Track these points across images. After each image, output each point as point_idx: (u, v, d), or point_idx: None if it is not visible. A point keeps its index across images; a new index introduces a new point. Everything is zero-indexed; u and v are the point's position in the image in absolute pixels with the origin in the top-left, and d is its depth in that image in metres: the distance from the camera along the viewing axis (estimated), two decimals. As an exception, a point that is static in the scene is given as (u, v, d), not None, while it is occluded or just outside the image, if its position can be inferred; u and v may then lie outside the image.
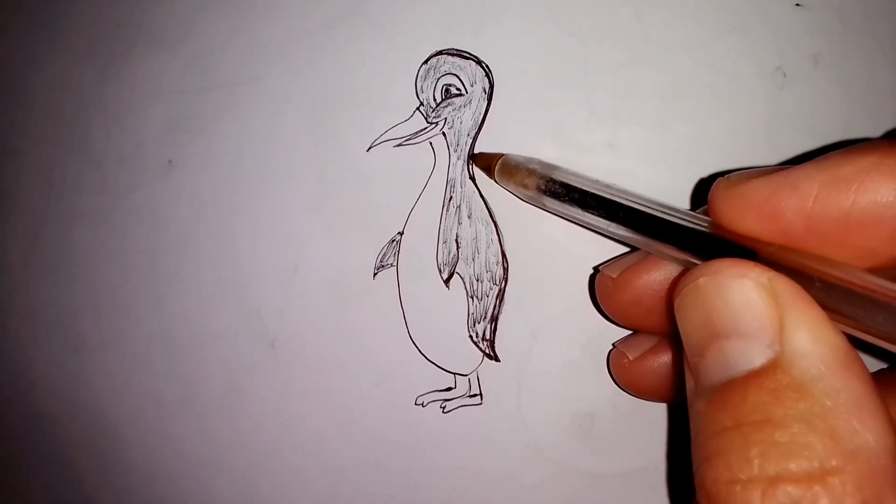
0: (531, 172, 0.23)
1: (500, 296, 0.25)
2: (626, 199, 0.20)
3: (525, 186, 0.23)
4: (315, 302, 0.27)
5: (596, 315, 0.25)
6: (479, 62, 0.26)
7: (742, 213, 0.17)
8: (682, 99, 0.24)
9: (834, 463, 0.13)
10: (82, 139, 0.30)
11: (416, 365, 0.26)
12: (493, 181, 0.25)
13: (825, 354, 0.14)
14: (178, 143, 0.29)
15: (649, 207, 0.19)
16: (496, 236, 0.26)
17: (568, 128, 0.25)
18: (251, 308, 0.28)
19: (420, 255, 0.26)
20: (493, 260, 0.26)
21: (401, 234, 0.26)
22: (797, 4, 0.24)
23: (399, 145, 0.27)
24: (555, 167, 0.23)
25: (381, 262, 0.26)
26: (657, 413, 0.24)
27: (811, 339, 0.14)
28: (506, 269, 0.25)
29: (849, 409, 0.13)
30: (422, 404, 0.26)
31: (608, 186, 0.21)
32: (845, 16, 0.24)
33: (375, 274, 0.27)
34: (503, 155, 0.24)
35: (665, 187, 0.24)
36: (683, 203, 0.24)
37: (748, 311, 0.15)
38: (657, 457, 0.25)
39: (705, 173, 0.24)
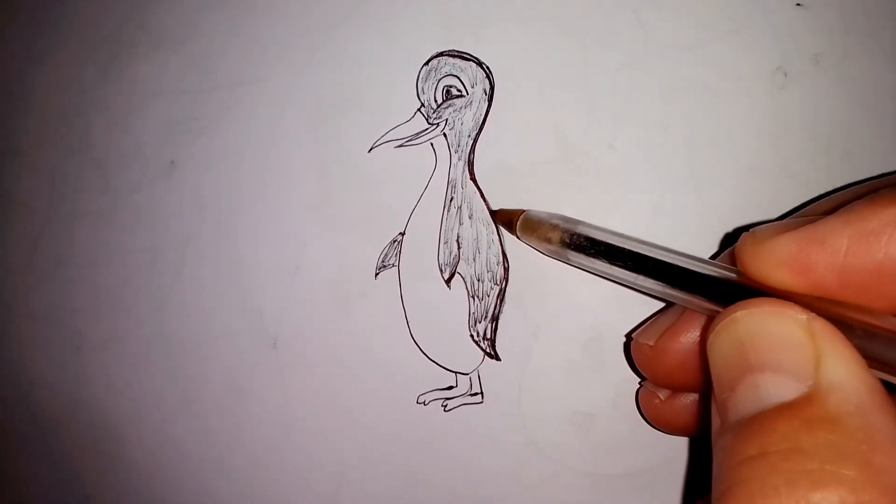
0: (554, 227, 0.23)
1: (501, 295, 0.25)
2: (654, 252, 0.20)
3: (548, 241, 0.23)
4: (317, 302, 0.27)
5: (596, 315, 0.25)
6: (479, 63, 0.26)
7: (773, 269, 0.17)
8: (682, 99, 0.24)
9: (867, 497, 0.13)
10: (84, 139, 0.30)
11: (418, 364, 0.26)
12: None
13: (861, 391, 0.14)
14: (179, 144, 0.29)
15: (678, 259, 0.19)
16: (497, 236, 0.26)
17: (568, 128, 0.25)
18: (253, 308, 0.28)
19: (421, 256, 0.26)
20: (493, 260, 0.26)
21: (402, 234, 0.26)
22: (798, 4, 0.24)
23: (400, 146, 0.27)
24: (578, 221, 0.23)
25: (382, 262, 0.27)
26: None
27: (848, 376, 0.14)
28: (506, 269, 0.26)
29: (884, 445, 0.13)
30: (423, 403, 0.26)
31: (631, 239, 0.21)
32: (846, 15, 0.24)
33: (377, 274, 0.27)
34: (524, 211, 0.24)
35: (665, 188, 0.24)
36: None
37: (785, 345, 0.15)
38: (657, 457, 0.25)
39: (705, 174, 0.24)
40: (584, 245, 0.22)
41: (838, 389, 0.14)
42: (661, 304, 0.24)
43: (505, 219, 0.25)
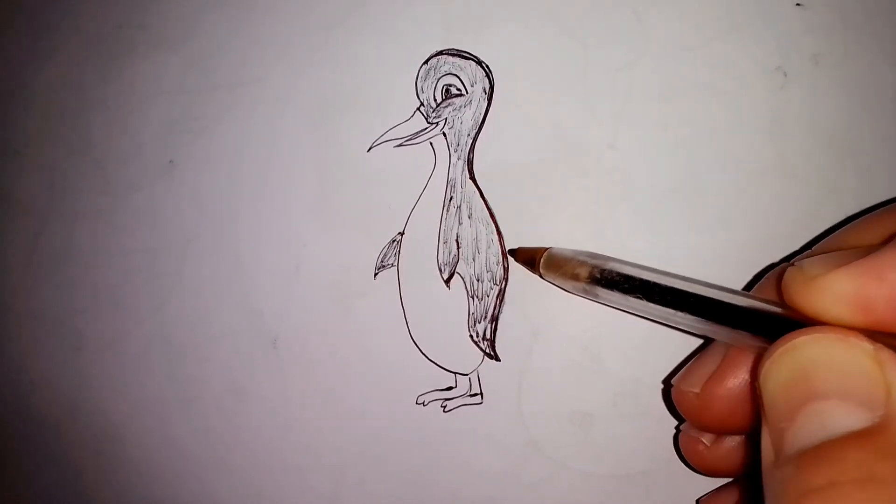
0: (582, 263, 0.22)
1: (501, 296, 0.25)
2: (693, 287, 0.19)
3: (576, 278, 0.22)
4: (316, 302, 0.27)
5: (596, 315, 0.25)
6: (479, 62, 0.26)
7: (830, 308, 0.16)
8: (682, 99, 0.24)
9: None
10: (83, 139, 0.30)
11: (417, 364, 0.26)
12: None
13: None
14: (179, 144, 0.29)
15: (720, 294, 0.18)
16: (496, 236, 0.26)
17: (568, 128, 0.25)
18: (252, 308, 0.28)
19: (421, 256, 0.26)
20: (493, 260, 0.26)
21: (401, 234, 0.26)
22: (798, 4, 0.24)
23: (400, 146, 0.27)
24: (606, 257, 0.22)
25: (381, 262, 0.27)
26: (658, 414, 0.24)
27: None
28: (506, 269, 0.25)
29: None
30: (423, 403, 0.26)
31: (664, 273, 0.20)
32: (846, 15, 0.24)
33: (376, 274, 0.27)
34: (547, 249, 0.24)
35: (665, 187, 0.24)
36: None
37: (853, 373, 0.14)
38: (657, 458, 0.25)
39: (706, 174, 0.24)
40: (616, 281, 0.21)
41: None
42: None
43: (527, 257, 0.24)
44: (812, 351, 0.15)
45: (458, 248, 0.26)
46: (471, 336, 0.26)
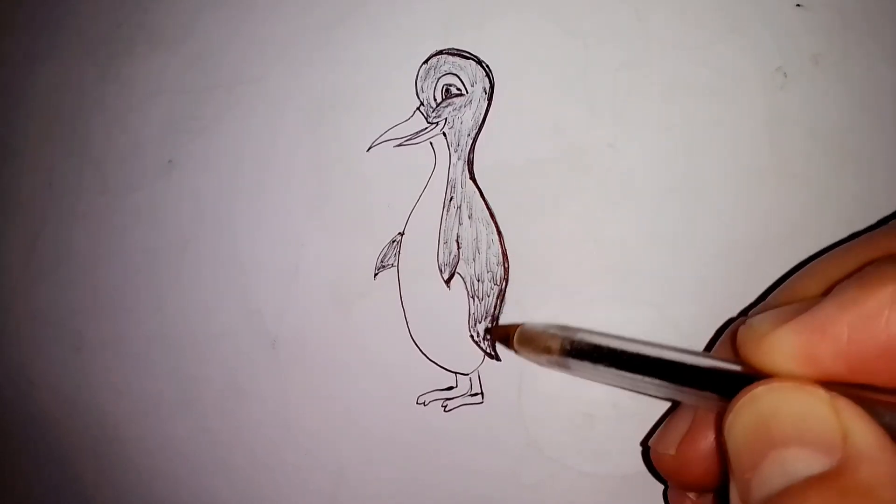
0: (552, 336, 0.22)
1: (501, 296, 0.25)
2: (658, 352, 0.19)
3: (548, 351, 0.22)
4: (316, 302, 0.27)
5: (596, 315, 0.25)
6: (479, 62, 0.26)
7: (782, 364, 0.16)
8: (683, 99, 0.24)
9: None
10: (82, 139, 0.30)
11: (418, 364, 0.26)
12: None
13: (892, 461, 0.14)
14: (178, 143, 0.29)
15: (684, 357, 0.19)
16: (497, 236, 0.26)
17: (568, 128, 0.25)
18: (252, 308, 0.28)
19: (421, 256, 0.26)
20: (493, 260, 0.26)
21: (401, 234, 0.26)
22: (797, 4, 0.24)
23: (399, 145, 0.27)
24: (576, 329, 0.22)
25: (381, 262, 0.26)
26: (658, 415, 0.24)
27: (877, 447, 0.14)
28: (506, 270, 0.25)
29: None
30: (423, 403, 0.26)
31: (635, 341, 0.20)
32: (846, 15, 0.24)
33: (376, 274, 0.27)
34: (520, 325, 0.24)
35: (665, 187, 0.24)
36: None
37: (810, 419, 0.15)
38: (657, 456, 0.25)
39: (706, 174, 0.24)
40: (585, 351, 0.21)
41: (868, 460, 0.14)
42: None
43: (501, 335, 0.25)
44: (770, 400, 0.15)
45: (459, 248, 0.26)
46: (471, 336, 0.26)
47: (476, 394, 0.26)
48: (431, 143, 0.26)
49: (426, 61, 0.27)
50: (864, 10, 0.24)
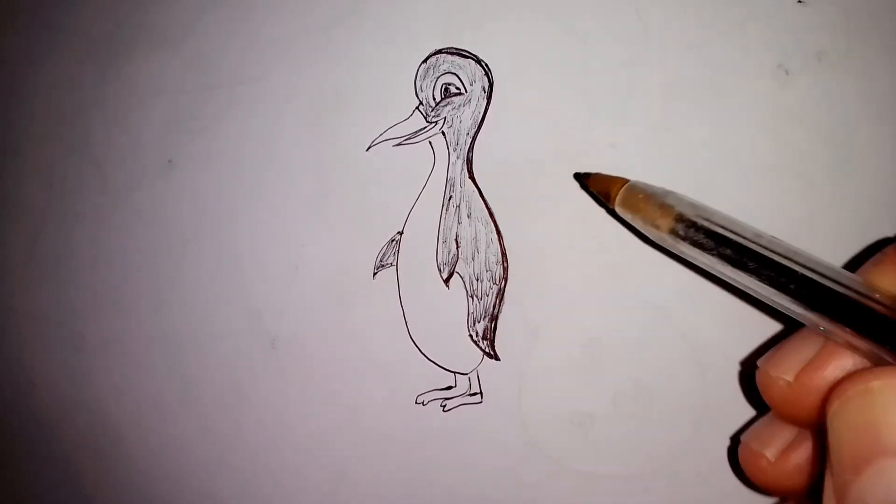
0: (665, 210, 0.18)
1: (500, 295, 0.25)
2: (796, 263, 0.16)
3: (656, 227, 0.18)
4: (315, 301, 0.27)
5: (596, 314, 0.25)
6: (478, 61, 0.26)
7: None
8: (684, 98, 0.24)
9: None
10: (82, 139, 0.30)
11: (417, 364, 0.26)
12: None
13: None
14: (178, 143, 0.29)
15: (833, 274, 0.15)
16: (496, 235, 0.26)
17: (568, 127, 0.25)
18: (251, 308, 0.28)
19: (420, 255, 0.26)
20: (492, 259, 0.26)
21: (400, 233, 0.26)
22: (800, 1, 0.24)
23: (399, 145, 0.27)
24: (696, 206, 0.18)
25: (380, 261, 0.26)
26: (658, 414, 0.24)
27: None
28: (506, 269, 0.25)
29: None
30: (422, 403, 0.26)
31: (768, 239, 0.17)
32: (849, 12, 0.23)
33: (375, 273, 0.26)
34: (626, 181, 0.20)
35: (666, 186, 0.24)
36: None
37: None
38: (657, 458, 0.24)
39: (707, 173, 0.24)
40: (704, 244, 0.17)
41: None
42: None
43: (601, 188, 0.21)
44: (884, 398, 0.13)
45: (458, 247, 0.26)
46: (470, 336, 0.26)
47: (475, 393, 0.26)
48: (430, 143, 0.26)
49: (425, 60, 0.26)
50: (866, 7, 0.23)
